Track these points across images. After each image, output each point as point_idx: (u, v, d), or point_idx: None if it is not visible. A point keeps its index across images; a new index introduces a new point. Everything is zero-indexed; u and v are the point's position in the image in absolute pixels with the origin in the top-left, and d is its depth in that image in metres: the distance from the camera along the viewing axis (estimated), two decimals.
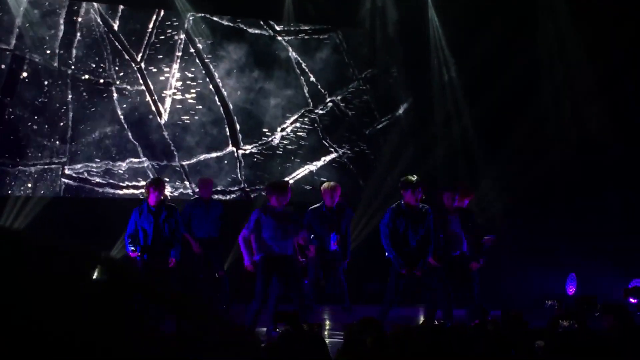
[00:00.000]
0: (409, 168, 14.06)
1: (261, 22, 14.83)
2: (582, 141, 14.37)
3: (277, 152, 14.91)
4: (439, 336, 5.66)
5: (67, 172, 13.45)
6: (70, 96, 13.47)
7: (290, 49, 14.97)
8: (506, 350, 5.63)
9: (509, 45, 14.38)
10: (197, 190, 13.61)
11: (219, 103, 14.48)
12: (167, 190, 13.99)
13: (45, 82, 13.34)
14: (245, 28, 14.68)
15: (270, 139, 14.87)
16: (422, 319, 11.17)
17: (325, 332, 10.77)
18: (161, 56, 14.13)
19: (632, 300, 9.25)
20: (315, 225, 11.46)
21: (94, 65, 13.63)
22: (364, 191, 15.08)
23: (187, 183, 14.22)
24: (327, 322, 11.90)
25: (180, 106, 14.23)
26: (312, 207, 11.63)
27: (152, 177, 13.70)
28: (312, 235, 11.33)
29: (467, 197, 11.51)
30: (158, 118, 14.06)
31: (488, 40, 14.35)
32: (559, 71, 14.85)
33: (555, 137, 14.55)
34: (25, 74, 13.20)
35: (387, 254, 10.44)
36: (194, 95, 14.33)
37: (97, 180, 13.63)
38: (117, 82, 13.77)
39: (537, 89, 14.84)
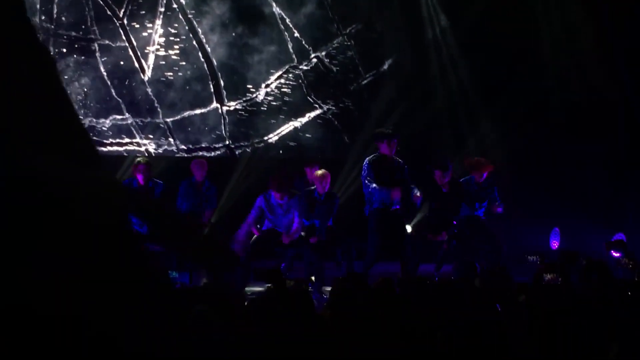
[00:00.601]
0: (399, 124, 14.08)
1: None
2: (580, 94, 14.29)
3: (262, 108, 14.85)
4: (422, 289, 5.70)
5: None
6: (52, 52, 13.34)
7: (274, 4, 14.84)
8: (491, 305, 5.67)
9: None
10: (181, 147, 13.59)
11: (202, 59, 14.38)
12: (152, 147, 13.95)
13: None
14: None
15: (254, 95, 14.80)
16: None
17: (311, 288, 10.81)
18: (144, 12, 13.99)
19: (614, 253, 9.32)
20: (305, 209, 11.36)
21: (75, 22, 13.48)
22: (350, 148, 15.05)
23: (171, 140, 14.16)
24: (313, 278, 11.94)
25: (163, 62, 14.13)
26: (306, 189, 11.49)
27: (136, 134, 13.68)
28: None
29: (482, 171, 11.54)
30: (141, 74, 13.96)
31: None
32: (558, 22, 14.67)
33: (552, 90, 14.47)
34: None
35: (374, 196, 10.43)
36: (178, 51, 14.21)
37: None
38: (100, 39, 13.65)
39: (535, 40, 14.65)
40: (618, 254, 7.24)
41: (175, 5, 14.20)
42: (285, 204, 10.86)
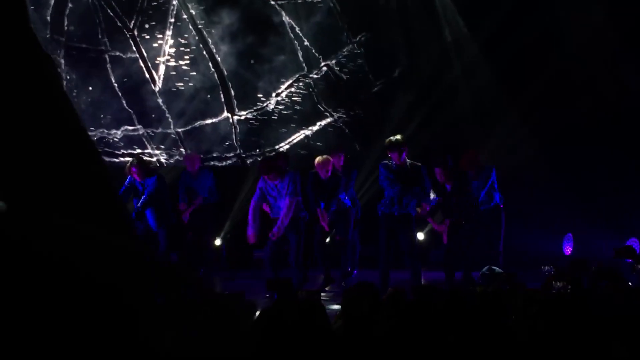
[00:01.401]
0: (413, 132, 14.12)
1: None
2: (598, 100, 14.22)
3: (273, 117, 14.87)
4: (435, 299, 5.67)
5: None
6: (63, 65, 13.40)
7: (283, 13, 14.86)
8: (504, 316, 5.63)
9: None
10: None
11: (213, 69, 14.41)
12: (163, 158, 13.99)
13: None
14: None
15: (265, 104, 14.82)
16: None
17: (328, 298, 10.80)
18: (154, 23, 14.04)
19: (624, 259, 9.26)
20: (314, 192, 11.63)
21: (86, 34, 13.53)
22: (361, 156, 15.04)
23: (182, 150, 14.19)
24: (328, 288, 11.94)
25: (174, 73, 14.17)
26: (312, 172, 11.72)
27: (147, 144, 13.73)
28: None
29: (471, 163, 11.53)
30: (152, 85, 14.00)
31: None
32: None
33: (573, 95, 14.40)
34: None
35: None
36: (188, 61, 14.25)
37: None
38: (110, 50, 13.70)
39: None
40: (628, 261, 7.19)
41: (185, 16, 14.24)
42: (279, 184, 10.75)
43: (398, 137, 10.64)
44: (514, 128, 14.74)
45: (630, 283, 7.11)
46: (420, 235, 13.08)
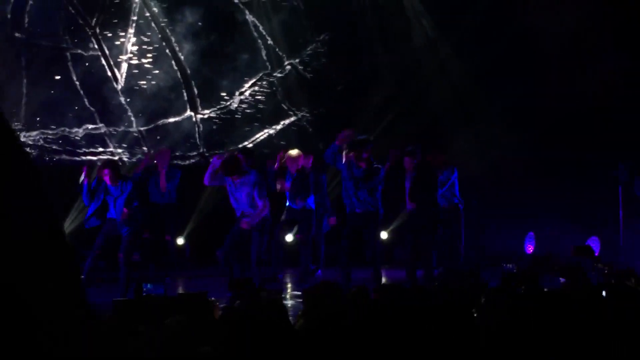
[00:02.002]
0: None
1: None
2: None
3: (236, 116, 14.82)
4: (397, 297, 5.69)
5: (22, 139, 13.25)
6: (24, 62, 13.24)
7: (247, 11, 14.82)
8: (466, 312, 5.66)
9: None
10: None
11: (176, 67, 14.33)
12: (125, 156, 13.88)
13: None
14: None
15: (228, 103, 14.77)
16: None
17: (288, 296, 10.80)
18: (116, 20, 13.91)
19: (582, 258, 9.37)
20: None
21: (47, 32, 13.37)
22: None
23: (145, 148, 14.09)
24: (289, 286, 11.94)
25: (136, 71, 14.06)
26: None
27: (109, 143, 13.63)
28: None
29: (438, 163, 11.71)
30: (114, 83, 13.88)
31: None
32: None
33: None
34: None
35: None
36: (151, 59, 14.15)
37: (54, 147, 13.46)
38: (72, 48, 13.55)
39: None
40: (586, 259, 7.28)
41: (147, 14, 14.13)
42: (241, 180, 10.62)
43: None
44: (480, 130, 14.86)
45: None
46: (384, 234, 13.13)
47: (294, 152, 12.06)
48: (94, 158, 13.61)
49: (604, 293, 6.06)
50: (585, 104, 13.86)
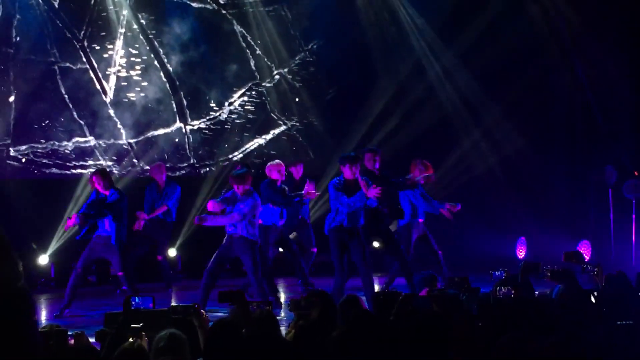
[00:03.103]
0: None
1: None
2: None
3: (226, 126, 14.84)
4: (386, 305, 5.70)
5: (12, 153, 13.24)
6: (12, 76, 13.23)
7: (234, 22, 14.85)
8: (459, 320, 5.67)
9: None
10: (145, 167, 13.61)
11: (164, 79, 14.34)
12: (116, 169, 13.87)
13: None
14: (188, 2, 14.51)
15: (218, 113, 14.79)
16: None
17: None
18: (104, 33, 13.92)
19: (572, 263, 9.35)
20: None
21: (35, 45, 13.36)
22: (314, 163, 15.05)
23: (135, 161, 14.08)
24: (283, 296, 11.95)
25: (125, 83, 14.06)
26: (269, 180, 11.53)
27: (99, 156, 13.63)
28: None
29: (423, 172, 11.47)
30: (103, 96, 13.87)
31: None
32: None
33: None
34: None
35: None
36: (139, 72, 14.16)
37: (44, 161, 13.44)
38: (60, 61, 13.54)
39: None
40: (576, 264, 7.28)
41: (135, 26, 14.14)
42: (242, 199, 10.45)
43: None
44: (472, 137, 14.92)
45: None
46: (376, 243, 13.11)
47: (275, 162, 11.41)
48: (84, 171, 13.60)
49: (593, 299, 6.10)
50: (574, 107, 13.94)
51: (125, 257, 10.88)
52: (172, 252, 13.56)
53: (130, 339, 4.53)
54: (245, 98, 14.98)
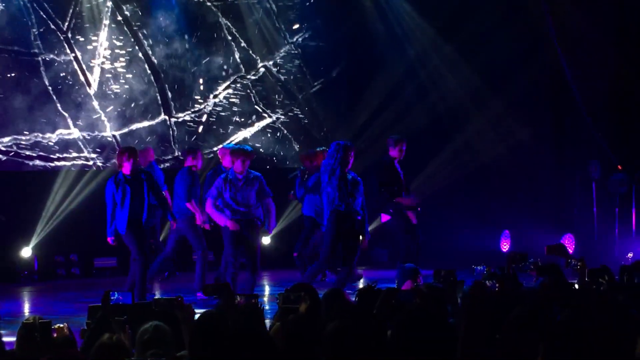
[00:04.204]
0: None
1: None
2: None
3: (211, 119, 14.80)
4: (370, 298, 5.69)
5: None
6: None
7: (220, 14, 14.80)
8: (441, 309, 5.67)
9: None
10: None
11: (149, 71, 14.28)
12: (100, 161, 13.80)
13: None
14: None
15: (202, 106, 14.74)
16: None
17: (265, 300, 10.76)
18: (88, 25, 13.83)
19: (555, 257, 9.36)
20: None
21: (18, 37, 13.26)
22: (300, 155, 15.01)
23: None
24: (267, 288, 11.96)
25: (109, 75, 13.99)
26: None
27: (83, 148, 13.57)
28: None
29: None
30: (87, 88, 13.80)
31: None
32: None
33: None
34: None
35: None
36: (124, 63, 14.09)
37: (27, 153, 13.36)
38: (43, 53, 13.46)
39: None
40: (559, 257, 7.28)
41: (119, 18, 14.07)
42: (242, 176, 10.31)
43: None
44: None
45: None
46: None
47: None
48: (68, 164, 13.53)
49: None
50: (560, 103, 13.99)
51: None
52: None
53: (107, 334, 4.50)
54: (230, 90, 14.94)
